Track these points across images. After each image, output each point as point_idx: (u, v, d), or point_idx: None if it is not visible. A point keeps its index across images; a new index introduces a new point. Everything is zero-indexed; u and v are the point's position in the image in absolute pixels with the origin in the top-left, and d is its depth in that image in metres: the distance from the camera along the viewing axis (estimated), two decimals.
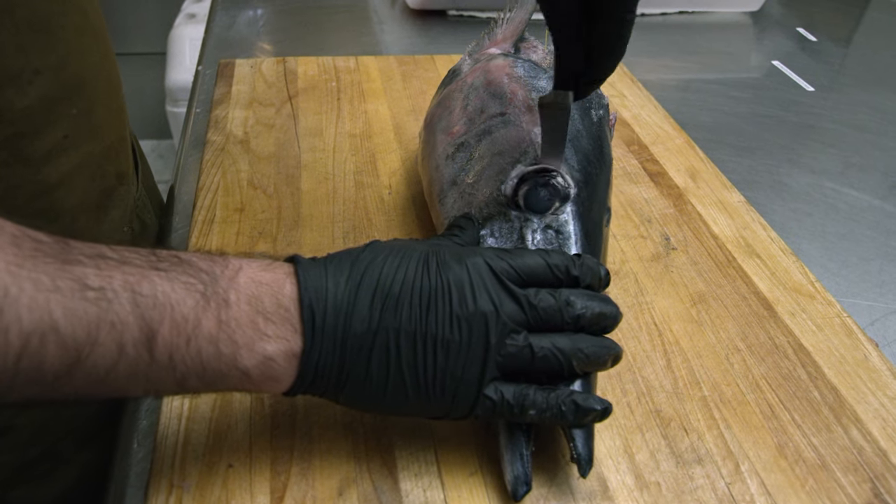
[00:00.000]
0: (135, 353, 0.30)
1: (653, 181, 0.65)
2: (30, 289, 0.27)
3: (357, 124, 0.71)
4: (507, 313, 0.35)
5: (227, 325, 0.32)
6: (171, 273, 0.31)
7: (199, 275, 0.32)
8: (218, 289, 0.32)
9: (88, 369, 0.29)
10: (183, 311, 0.31)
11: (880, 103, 0.89)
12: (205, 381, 0.32)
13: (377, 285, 0.35)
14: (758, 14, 1.14)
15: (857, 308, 0.55)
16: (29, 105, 0.48)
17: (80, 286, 0.28)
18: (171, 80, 1.56)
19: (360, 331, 0.34)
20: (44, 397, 0.29)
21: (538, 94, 0.51)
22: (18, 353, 0.27)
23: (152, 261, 0.31)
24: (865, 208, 0.68)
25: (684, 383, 0.45)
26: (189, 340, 0.31)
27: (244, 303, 0.33)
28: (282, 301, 0.33)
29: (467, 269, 0.36)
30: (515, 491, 0.36)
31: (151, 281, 0.30)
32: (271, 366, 0.33)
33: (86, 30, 0.52)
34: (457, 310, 0.35)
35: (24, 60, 0.47)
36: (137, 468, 0.40)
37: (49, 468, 0.57)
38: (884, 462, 0.42)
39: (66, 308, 0.28)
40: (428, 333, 0.34)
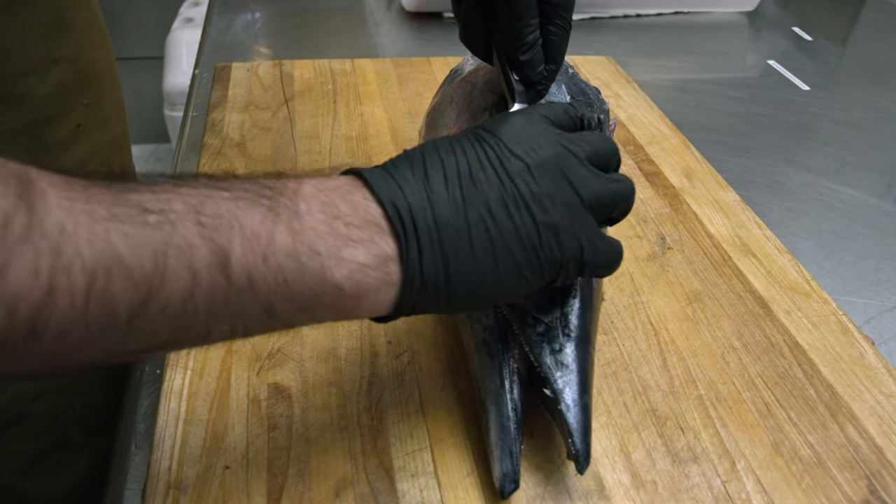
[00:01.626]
0: (210, 279, 0.27)
1: (648, 181, 0.65)
2: (86, 221, 0.24)
3: (353, 127, 0.71)
4: (571, 149, 0.35)
5: (304, 235, 0.29)
6: (232, 191, 0.28)
7: (260, 190, 0.29)
8: (284, 200, 0.29)
9: (163, 303, 0.26)
10: (252, 226, 0.28)
11: (876, 102, 0.90)
12: (295, 304, 0.29)
13: (444, 169, 0.33)
14: (753, 14, 1.15)
15: (853, 306, 0.56)
16: (48, 93, 0.51)
17: (139, 211, 0.26)
18: (168, 84, 1.57)
19: (448, 216, 0.31)
20: (123, 348, 0.26)
21: None
22: (85, 292, 0.24)
23: (210, 182, 0.29)
24: (861, 207, 0.69)
25: (680, 382, 0.46)
26: (266, 257, 0.28)
27: (317, 211, 0.29)
28: (357, 203, 0.31)
29: (517, 125, 0.35)
30: (503, 488, 0.37)
31: (213, 200, 0.28)
32: (367, 274, 0.30)
33: (93, 25, 0.56)
34: (529, 160, 0.34)
35: (44, 50, 0.51)
36: (135, 470, 0.41)
37: (62, 458, 0.58)
38: (879, 459, 0.42)
39: (128, 236, 0.25)
40: (515, 193, 0.33)
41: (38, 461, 0.57)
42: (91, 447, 0.61)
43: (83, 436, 0.60)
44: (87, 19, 0.56)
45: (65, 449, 0.58)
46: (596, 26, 1.06)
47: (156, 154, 2.20)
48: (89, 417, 0.60)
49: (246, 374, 0.44)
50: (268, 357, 0.45)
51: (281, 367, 0.45)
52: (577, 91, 0.53)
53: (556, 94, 0.52)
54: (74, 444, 0.59)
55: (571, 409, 0.37)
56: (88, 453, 0.60)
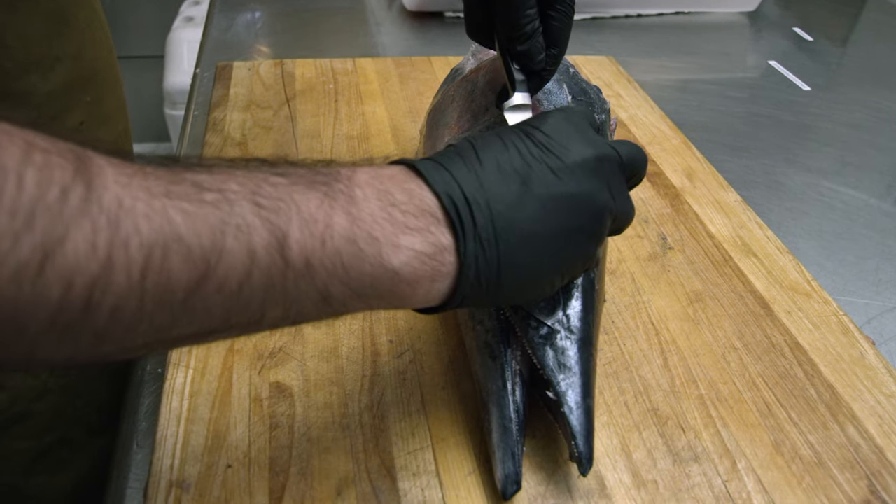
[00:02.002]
0: (268, 260, 0.26)
1: (650, 181, 0.66)
2: (144, 196, 0.24)
3: (354, 126, 0.71)
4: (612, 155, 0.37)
5: (362, 220, 0.29)
6: (286, 175, 0.28)
7: (316, 175, 0.29)
8: (340, 186, 0.29)
9: (220, 282, 0.25)
10: (310, 209, 0.28)
11: (877, 102, 0.90)
12: (352, 289, 0.29)
13: (498, 162, 0.33)
14: (754, 14, 1.15)
15: (854, 306, 0.56)
16: (51, 90, 0.52)
17: (197, 189, 0.25)
18: (169, 84, 1.57)
19: (504, 209, 0.32)
20: (175, 330, 0.26)
21: (543, 95, 0.51)
22: (143, 268, 0.23)
23: (261, 166, 0.29)
24: (862, 207, 0.69)
25: (681, 382, 0.46)
26: (324, 241, 0.28)
27: (373, 198, 0.30)
28: (413, 192, 0.31)
29: (564, 123, 0.36)
30: (505, 490, 0.37)
31: (269, 182, 0.27)
32: (424, 262, 0.30)
33: (95, 24, 0.57)
34: (579, 158, 0.35)
35: (48, 48, 0.51)
36: (137, 468, 0.41)
37: (64, 457, 0.58)
38: (880, 459, 0.42)
39: (186, 213, 0.25)
40: (566, 192, 0.34)
41: (40, 460, 0.57)
42: (93, 446, 0.61)
43: (85, 435, 0.60)
44: (88, 17, 0.56)
45: (66, 448, 0.59)
46: (597, 26, 1.06)
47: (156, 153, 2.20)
48: (91, 417, 0.60)
49: (248, 373, 0.44)
50: (269, 356, 0.45)
51: (282, 365, 0.45)
52: (578, 90, 0.53)
53: (557, 94, 0.52)
54: (76, 443, 0.60)
55: (574, 412, 0.37)
56: (90, 452, 0.61)
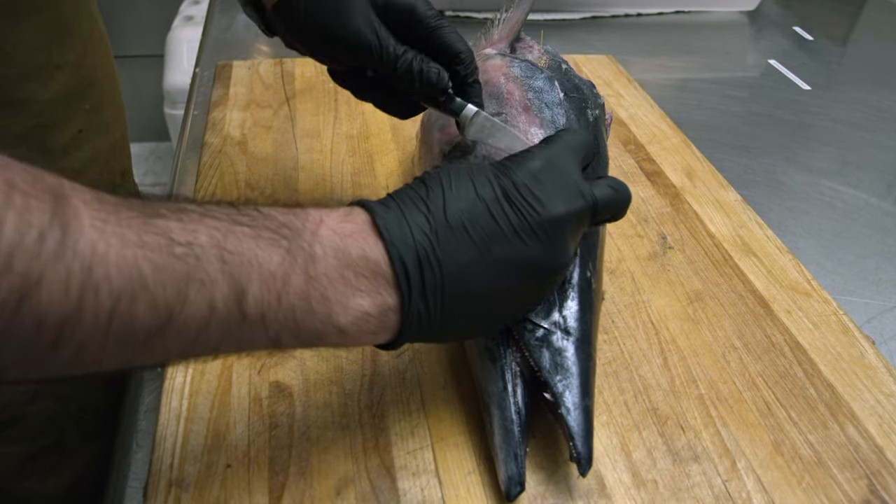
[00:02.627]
0: (226, 312, 0.28)
1: (649, 180, 0.65)
2: (117, 244, 0.25)
3: (354, 125, 0.71)
4: (590, 206, 0.37)
5: (317, 280, 0.31)
6: (254, 227, 0.30)
7: (280, 229, 0.31)
8: (302, 243, 0.31)
9: (180, 328, 0.28)
10: (270, 267, 0.30)
11: (877, 102, 0.90)
12: (300, 339, 0.31)
13: (462, 221, 0.34)
14: (754, 13, 1.15)
15: (854, 306, 0.56)
16: (51, 98, 0.52)
17: (167, 241, 0.27)
18: (168, 83, 1.56)
19: (457, 270, 0.33)
20: (135, 362, 0.28)
21: (535, 93, 0.51)
22: (110, 312, 0.25)
23: (233, 214, 0.30)
24: (862, 206, 0.69)
25: (681, 381, 0.46)
26: (280, 298, 0.30)
27: (331, 256, 0.31)
28: (369, 254, 0.32)
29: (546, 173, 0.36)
30: (509, 491, 0.37)
31: (236, 236, 0.29)
32: (368, 321, 0.32)
33: (94, 32, 0.58)
34: (547, 214, 0.35)
35: (49, 56, 0.52)
36: (136, 468, 0.41)
37: (56, 461, 0.58)
38: (880, 459, 0.42)
39: (155, 265, 0.26)
40: (529, 256, 0.35)
41: (32, 463, 0.57)
42: (86, 451, 0.61)
43: (78, 439, 0.60)
44: (88, 26, 0.57)
45: (59, 452, 0.59)
46: (597, 25, 1.06)
47: (156, 152, 2.20)
48: (85, 421, 0.60)
49: (247, 373, 0.44)
50: (269, 355, 0.45)
51: (282, 365, 0.45)
52: (570, 87, 0.53)
53: (549, 92, 0.52)
54: (69, 448, 0.59)
55: (572, 413, 0.37)
56: (83, 457, 0.61)
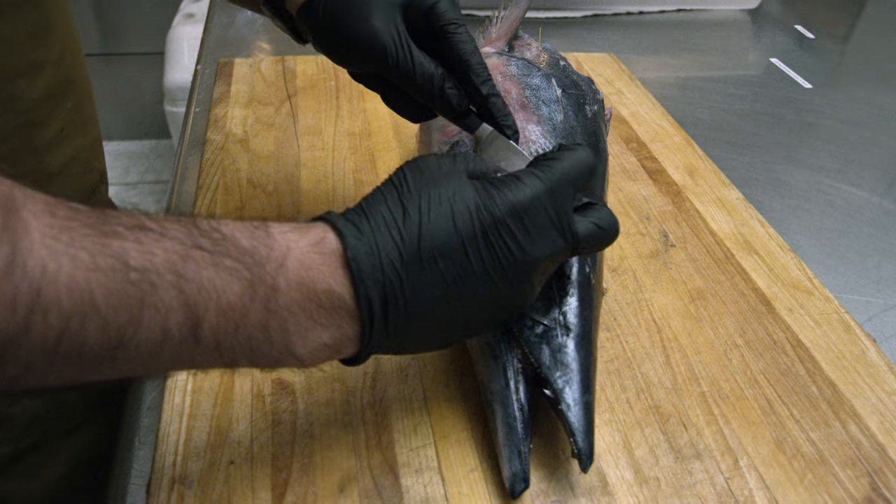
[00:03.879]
0: (180, 338, 0.28)
1: (651, 178, 0.65)
2: (68, 266, 0.25)
3: (356, 123, 0.71)
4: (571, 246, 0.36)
5: (278, 313, 0.30)
6: (214, 255, 0.29)
7: (243, 257, 0.30)
8: (265, 275, 0.30)
9: (131, 352, 0.27)
10: (229, 298, 0.29)
11: (878, 100, 0.90)
12: (255, 363, 0.31)
13: (433, 256, 0.32)
14: (756, 11, 1.15)
15: (855, 304, 0.56)
16: (36, 97, 0.53)
17: (122, 265, 0.26)
18: (169, 80, 1.56)
19: (420, 305, 0.33)
20: (85, 379, 0.28)
21: (532, 91, 0.51)
22: (58, 335, 0.25)
23: (194, 235, 0.29)
24: (863, 205, 0.69)
25: (683, 379, 0.46)
26: (237, 328, 0.29)
27: (294, 290, 0.30)
28: (335, 289, 0.31)
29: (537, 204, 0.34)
30: (513, 488, 0.37)
31: (195, 262, 0.28)
32: (325, 351, 0.32)
33: (71, 32, 0.60)
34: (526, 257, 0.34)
35: (33, 54, 0.52)
36: (139, 466, 0.41)
37: (39, 461, 0.58)
38: (882, 456, 0.42)
39: (108, 290, 0.26)
40: (499, 295, 0.34)
41: (16, 464, 0.57)
42: (66, 449, 0.61)
43: (58, 437, 0.60)
44: (66, 26, 0.57)
45: (41, 452, 0.59)
46: (598, 23, 1.06)
47: (156, 150, 2.20)
48: (64, 418, 0.60)
49: (250, 370, 0.44)
50: None
51: None
52: (569, 83, 0.53)
53: (546, 89, 0.51)
54: (51, 447, 0.59)
55: (572, 409, 0.37)
56: (63, 455, 0.60)
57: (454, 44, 0.43)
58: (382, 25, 0.42)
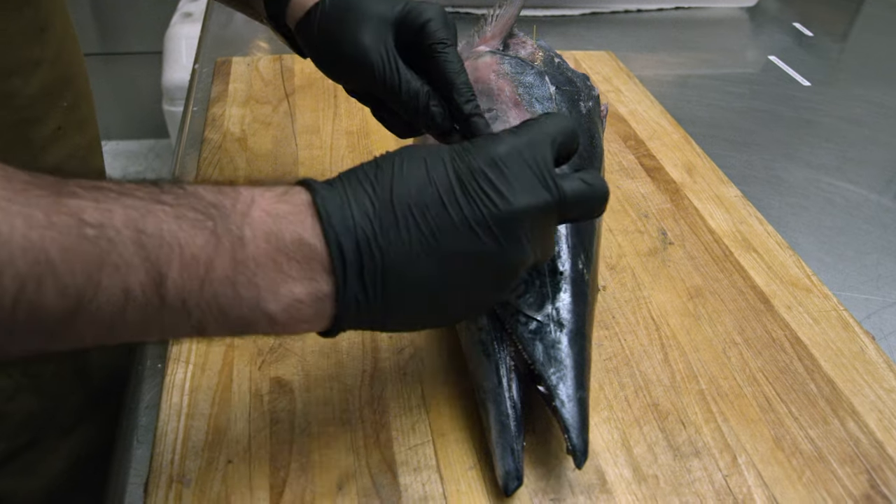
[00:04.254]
0: (143, 299, 0.27)
1: (649, 176, 0.65)
2: (22, 226, 0.24)
3: (354, 121, 0.71)
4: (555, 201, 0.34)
5: (245, 265, 0.29)
6: (176, 207, 0.28)
7: (207, 209, 0.28)
8: (230, 225, 0.29)
9: (92, 315, 0.26)
10: (192, 250, 0.28)
11: (877, 98, 0.90)
12: (226, 327, 0.30)
13: (409, 205, 0.31)
14: (754, 9, 1.15)
15: (854, 301, 0.56)
16: (32, 94, 0.53)
17: (78, 222, 0.25)
18: (167, 79, 1.56)
19: (398, 261, 0.31)
20: (49, 348, 0.27)
21: (525, 88, 0.51)
22: (14, 297, 0.24)
23: (154, 193, 0.28)
24: (862, 202, 0.69)
25: (682, 377, 0.46)
26: (203, 283, 0.28)
27: (262, 240, 0.29)
28: (304, 237, 0.30)
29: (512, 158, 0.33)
30: (506, 486, 0.37)
31: (156, 216, 0.27)
32: (300, 308, 0.30)
33: (68, 31, 0.61)
34: (506, 207, 0.32)
35: (29, 51, 0.52)
36: (137, 465, 0.40)
37: (34, 459, 0.58)
38: (880, 454, 0.42)
39: (64, 248, 0.25)
40: (482, 250, 0.32)
41: (12, 462, 0.57)
42: (63, 448, 0.61)
43: (54, 436, 0.60)
44: (63, 25, 0.58)
45: (37, 450, 0.59)
46: (596, 21, 1.06)
47: (155, 149, 2.20)
48: (60, 417, 0.60)
49: (248, 369, 0.44)
50: (269, 351, 0.45)
51: (282, 361, 0.45)
52: (563, 80, 0.53)
53: (539, 87, 0.51)
54: (48, 445, 0.59)
55: (566, 405, 0.37)
56: (60, 454, 0.60)
57: (441, 63, 0.43)
58: (372, 43, 0.43)
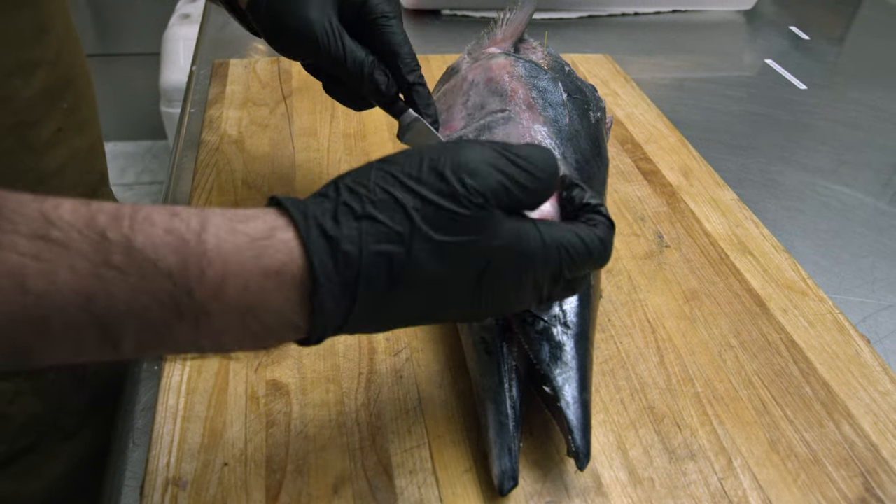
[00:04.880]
0: (99, 351, 0.26)
1: (646, 179, 0.66)
2: None
3: (351, 124, 0.71)
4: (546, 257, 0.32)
5: (209, 334, 0.27)
6: (128, 276, 0.25)
7: (164, 284, 0.25)
8: (193, 303, 0.26)
9: (51, 357, 0.25)
10: (150, 319, 0.25)
11: (873, 101, 0.90)
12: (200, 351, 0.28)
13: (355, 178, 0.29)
14: (751, 13, 1.15)
15: (849, 304, 0.56)
16: (32, 96, 0.53)
17: (20, 290, 0.24)
18: (165, 81, 1.56)
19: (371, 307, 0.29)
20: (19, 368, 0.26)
21: (539, 93, 0.51)
22: None
23: (104, 250, 0.25)
24: (857, 205, 0.69)
25: (677, 380, 0.46)
26: (164, 342, 0.26)
27: (233, 315, 0.27)
28: (286, 310, 0.27)
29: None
30: (502, 485, 0.37)
31: (105, 284, 0.25)
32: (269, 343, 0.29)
33: (69, 32, 0.60)
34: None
35: (29, 53, 0.52)
36: (133, 467, 0.40)
37: (35, 461, 0.58)
38: (875, 457, 0.42)
39: (5, 314, 0.24)
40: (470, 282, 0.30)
41: (12, 463, 0.57)
42: (64, 452, 0.61)
43: (56, 439, 0.60)
44: (64, 26, 0.58)
45: (38, 452, 0.59)
46: (594, 24, 1.06)
47: (152, 150, 2.19)
48: (62, 420, 0.60)
49: (244, 371, 0.44)
50: (265, 354, 0.45)
51: (279, 363, 0.45)
52: (573, 88, 0.54)
53: (552, 92, 0.52)
54: (48, 448, 0.59)
55: (571, 406, 0.38)
56: (62, 458, 0.60)
57: (385, 35, 0.46)
58: (317, 16, 0.45)
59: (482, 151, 0.31)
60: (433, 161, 0.30)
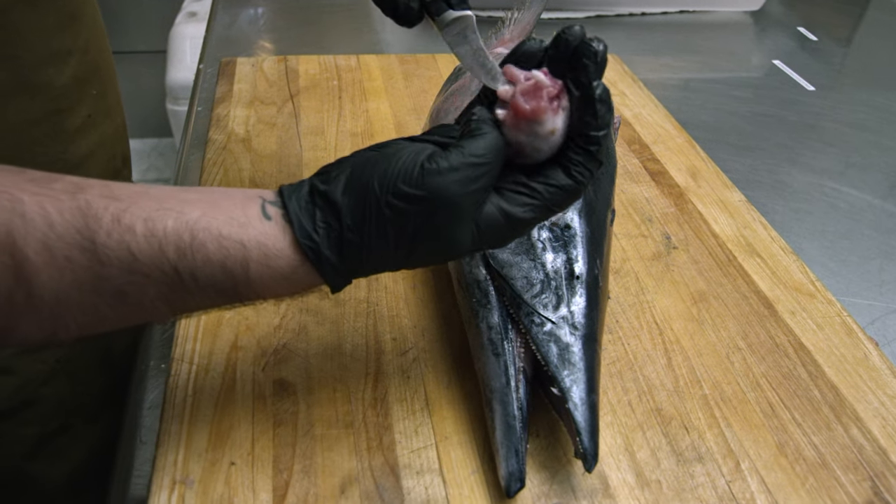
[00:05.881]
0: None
1: (654, 180, 0.65)
2: None
3: (358, 123, 0.71)
4: None
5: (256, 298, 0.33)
6: (195, 295, 0.31)
7: (222, 298, 0.32)
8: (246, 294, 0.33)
9: None
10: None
11: (881, 102, 0.90)
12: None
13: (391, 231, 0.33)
14: (759, 13, 1.15)
15: (858, 307, 0.56)
16: (65, 83, 0.55)
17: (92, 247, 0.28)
18: (171, 79, 1.56)
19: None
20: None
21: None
22: None
23: (176, 283, 0.30)
24: (865, 207, 0.68)
25: (685, 382, 0.46)
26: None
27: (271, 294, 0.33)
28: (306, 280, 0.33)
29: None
30: (509, 487, 0.37)
31: (184, 297, 0.31)
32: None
33: (96, 20, 0.61)
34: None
35: (61, 41, 0.54)
36: (140, 465, 0.41)
37: (64, 443, 0.60)
38: (884, 460, 0.42)
39: None
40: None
41: (43, 445, 0.58)
42: (90, 435, 0.62)
43: (82, 422, 0.61)
44: (92, 14, 0.61)
45: (67, 435, 0.60)
46: (601, 24, 1.06)
47: (158, 148, 2.20)
48: (87, 404, 0.61)
49: (251, 370, 0.44)
50: (273, 353, 0.45)
51: (286, 363, 0.45)
52: None
53: None
54: (75, 430, 0.61)
55: (579, 408, 0.37)
56: (87, 441, 0.62)
57: None
58: None
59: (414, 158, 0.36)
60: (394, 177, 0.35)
